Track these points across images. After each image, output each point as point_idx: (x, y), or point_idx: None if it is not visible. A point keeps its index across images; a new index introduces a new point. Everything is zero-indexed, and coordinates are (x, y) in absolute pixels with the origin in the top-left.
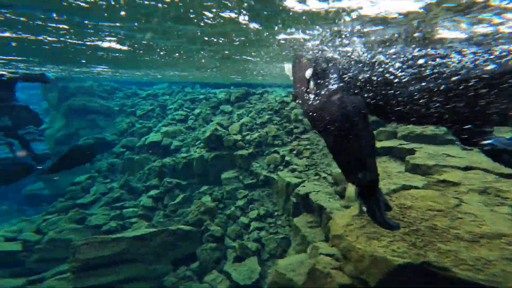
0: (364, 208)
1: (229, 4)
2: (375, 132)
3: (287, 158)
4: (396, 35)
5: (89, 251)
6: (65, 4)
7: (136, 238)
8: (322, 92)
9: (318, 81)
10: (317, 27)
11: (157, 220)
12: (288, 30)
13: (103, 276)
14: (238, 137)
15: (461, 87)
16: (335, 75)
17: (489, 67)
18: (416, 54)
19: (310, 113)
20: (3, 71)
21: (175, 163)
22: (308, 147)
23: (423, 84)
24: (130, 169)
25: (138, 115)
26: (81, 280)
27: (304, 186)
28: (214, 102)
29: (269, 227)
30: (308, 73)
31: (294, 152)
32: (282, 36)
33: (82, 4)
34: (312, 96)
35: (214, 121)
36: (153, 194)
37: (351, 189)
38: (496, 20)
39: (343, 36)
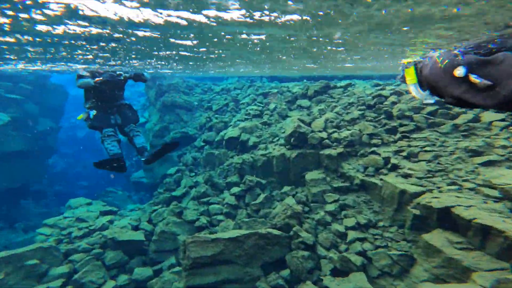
0: None
1: None
2: None
3: (393, 161)
4: None
5: (196, 249)
6: None
7: (231, 240)
8: None
9: None
10: None
11: (241, 219)
12: None
13: (207, 276)
14: (324, 134)
15: None
16: None
17: None
18: None
19: None
20: (119, 71)
21: (254, 160)
22: (427, 148)
23: None
24: (211, 164)
25: (214, 110)
26: (192, 277)
27: (437, 198)
28: (289, 96)
29: (374, 239)
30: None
31: (403, 153)
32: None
33: None
34: None
35: (292, 116)
36: (235, 192)
37: None
38: None
39: None
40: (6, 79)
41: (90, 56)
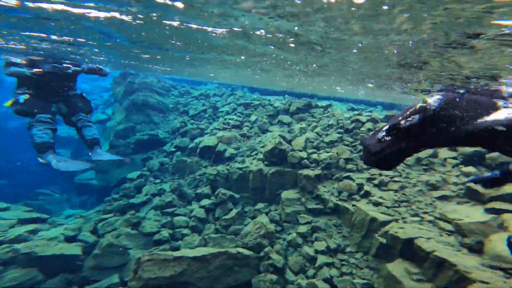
0: None
1: None
2: None
3: (366, 188)
4: None
5: (152, 269)
6: None
7: (196, 259)
8: None
9: None
10: None
11: (208, 234)
12: None
13: None
14: (304, 154)
15: None
16: None
17: None
18: None
19: None
20: (67, 64)
21: (229, 172)
22: (396, 179)
23: None
24: (181, 172)
25: (190, 115)
26: None
27: (402, 228)
28: (272, 110)
29: (341, 265)
30: None
31: (375, 182)
32: None
33: None
34: None
35: (273, 131)
36: (205, 204)
37: (500, 244)
38: None
39: None
40: None
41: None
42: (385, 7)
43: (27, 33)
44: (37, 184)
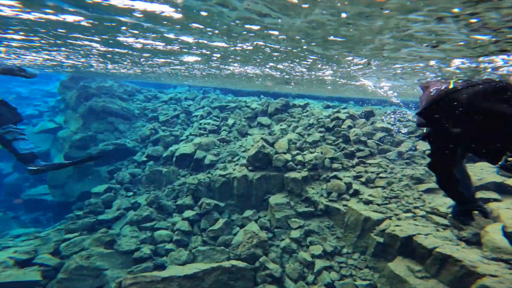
0: None
1: None
2: None
3: (355, 187)
4: None
5: None
6: None
7: (188, 278)
8: None
9: None
10: None
11: (196, 247)
12: None
13: None
14: (288, 156)
15: None
16: None
17: None
18: None
19: None
20: None
21: (211, 180)
22: (382, 175)
23: None
24: (157, 182)
25: (161, 121)
26: None
27: (399, 226)
28: (250, 113)
29: (339, 268)
30: None
31: (362, 179)
32: None
33: None
34: None
35: (253, 134)
36: (189, 216)
37: (497, 236)
38: None
39: None
40: None
41: None
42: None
43: None
44: None
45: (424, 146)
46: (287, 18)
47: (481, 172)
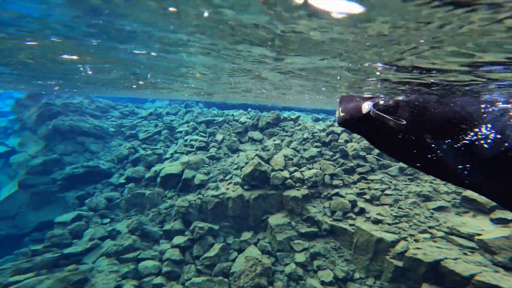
0: None
1: None
2: None
3: (360, 205)
4: None
5: None
6: None
7: None
8: None
9: None
10: None
11: (189, 279)
12: None
13: None
14: (286, 174)
15: None
16: None
17: None
18: None
19: None
20: None
21: (202, 202)
22: (387, 192)
23: None
24: (139, 206)
25: (141, 138)
26: None
27: (420, 249)
28: (240, 127)
29: None
30: None
31: (366, 196)
32: None
33: None
34: None
35: (245, 150)
36: (180, 243)
37: None
38: None
39: None
40: None
41: None
42: None
43: None
44: None
45: None
46: None
47: None
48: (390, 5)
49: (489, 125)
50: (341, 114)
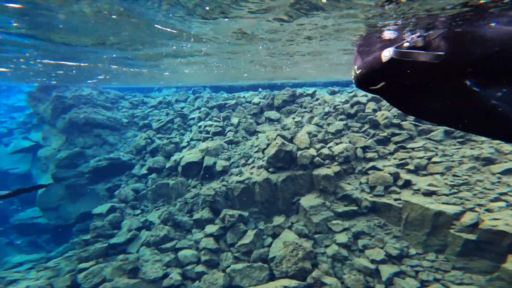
0: None
1: None
2: None
3: (404, 177)
4: None
5: None
6: None
7: None
8: None
9: None
10: None
11: (229, 266)
12: None
13: None
14: (313, 151)
15: None
16: None
17: None
18: None
19: None
20: None
21: (227, 189)
22: (435, 159)
23: None
24: (166, 197)
25: (155, 128)
26: None
27: (499, 219)
28: (255, 108)
29: (414, 272)
30: None
31: (410, 167)
32: None
33: None
34: None
35: (265, 131)
36: (212, 232)
37: None
38: None
39: None
40: None
41: None
42: None
43: None
44: None
45: None
46: None
47: None
48: None
49: None
50: (357, 72)
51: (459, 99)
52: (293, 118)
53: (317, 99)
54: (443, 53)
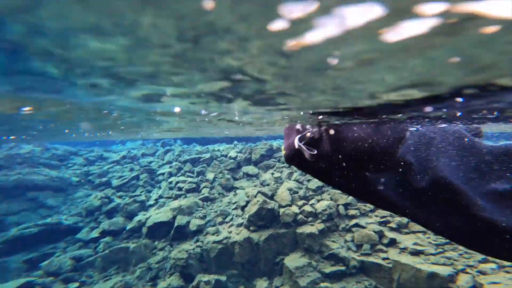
0: None
1: None
2: None
3: (388, 235)
4: None
5: None
6: None
7: None
8: None
9: None
10: None
11: None
12: None
13: None
14: (295, 209)
15: None
16: None
17: None
18: None
19: None
20: None
21: (203, 250)
22: None
23: None
24: (121, 263)
25: (115, 186)
26: None
27: (499, 283)
28: (232, 163)
29: None
30: None
31: (391, 225)
32: None
33: None
34: None
35: (243, 188)
36: None
37: None
38: None
39: None
40: None
41: None
42: None
43: None
44: None
45: None
46: None
47: None
48: None
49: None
50: (283, 152)
51: (357, 181)
52: (272, 174)
53: None
54: (315, 152)
